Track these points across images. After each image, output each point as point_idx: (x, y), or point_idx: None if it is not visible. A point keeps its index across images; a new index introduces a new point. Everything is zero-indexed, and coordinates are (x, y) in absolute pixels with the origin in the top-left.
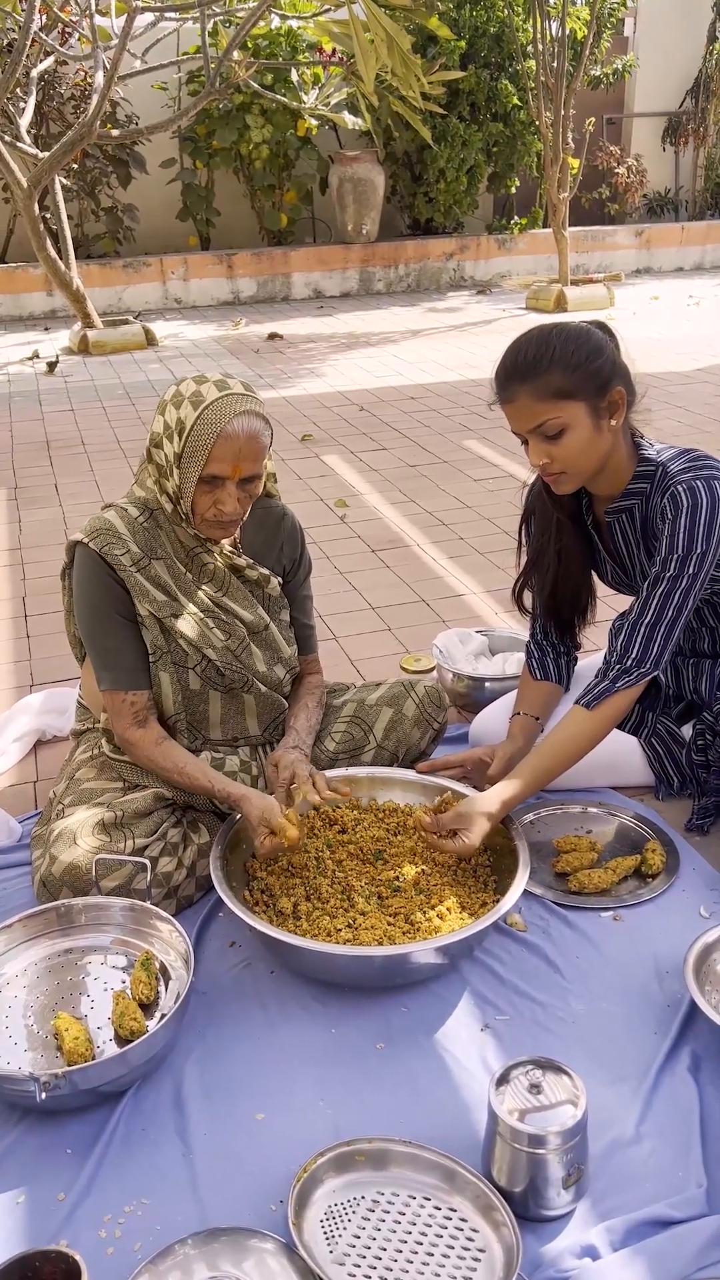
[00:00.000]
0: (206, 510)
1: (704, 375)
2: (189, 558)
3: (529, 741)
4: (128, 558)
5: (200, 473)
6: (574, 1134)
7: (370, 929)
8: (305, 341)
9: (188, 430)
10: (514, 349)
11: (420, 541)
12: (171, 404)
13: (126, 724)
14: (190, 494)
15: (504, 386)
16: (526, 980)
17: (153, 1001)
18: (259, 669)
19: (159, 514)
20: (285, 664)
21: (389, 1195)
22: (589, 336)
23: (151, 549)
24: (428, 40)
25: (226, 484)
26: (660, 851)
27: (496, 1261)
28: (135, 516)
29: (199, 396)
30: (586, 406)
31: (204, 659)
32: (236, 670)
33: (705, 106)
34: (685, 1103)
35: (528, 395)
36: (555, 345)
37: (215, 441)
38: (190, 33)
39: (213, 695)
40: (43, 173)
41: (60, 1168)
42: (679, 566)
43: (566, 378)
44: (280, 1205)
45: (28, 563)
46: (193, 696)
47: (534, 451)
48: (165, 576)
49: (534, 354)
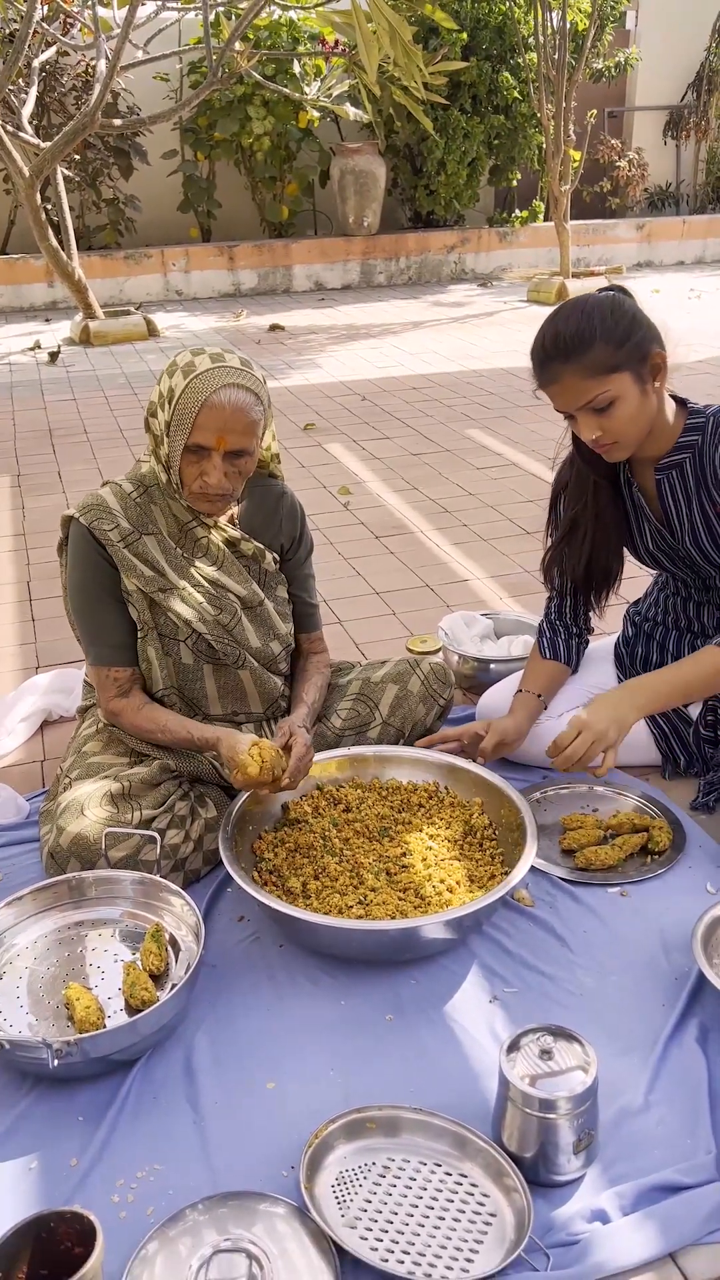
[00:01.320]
0: (193, 481)
1: (706, 367)
2: (182, 532)
3: (529, 718)
4: (116, 533)
5: (185, 441)
6: (584, 1099)
7: (382, 904)
8: (306, 333)
9: (176, 398)
10: (551, 328)
11: (424, 528)
12: (167, 373)
13: (110, 695)
14: (177, 463)
15: (545, 368)
16: (534, 954)
17: (163, 973)
18: (253, 644)
19: (154, 489)
20: (281, 640)
21: (400, 1161)
22: (623, 306)
23: (143, 524)
24: (429, 32)
25: (212, 455)
26: (667, 829)
27: (508, 1225)
28: (129, 492)
29: (191, 366)
30: (632, 375)
31: (194, 633)
32: (228, 644)
33: (707, 100)
34: (693, 1072)
35: (574, 374)
36: (595, 320)
37: (199, 410)
38: (192, 23)
39: (207, 670)
40: (44, 163)
41: (72, 1134)
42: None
43: (611, 351)
44: (292, 1171)
45: (32, 548)
46: (186, 671)
47: (584, 426)
48: (155, 552)
49: (574, 331)
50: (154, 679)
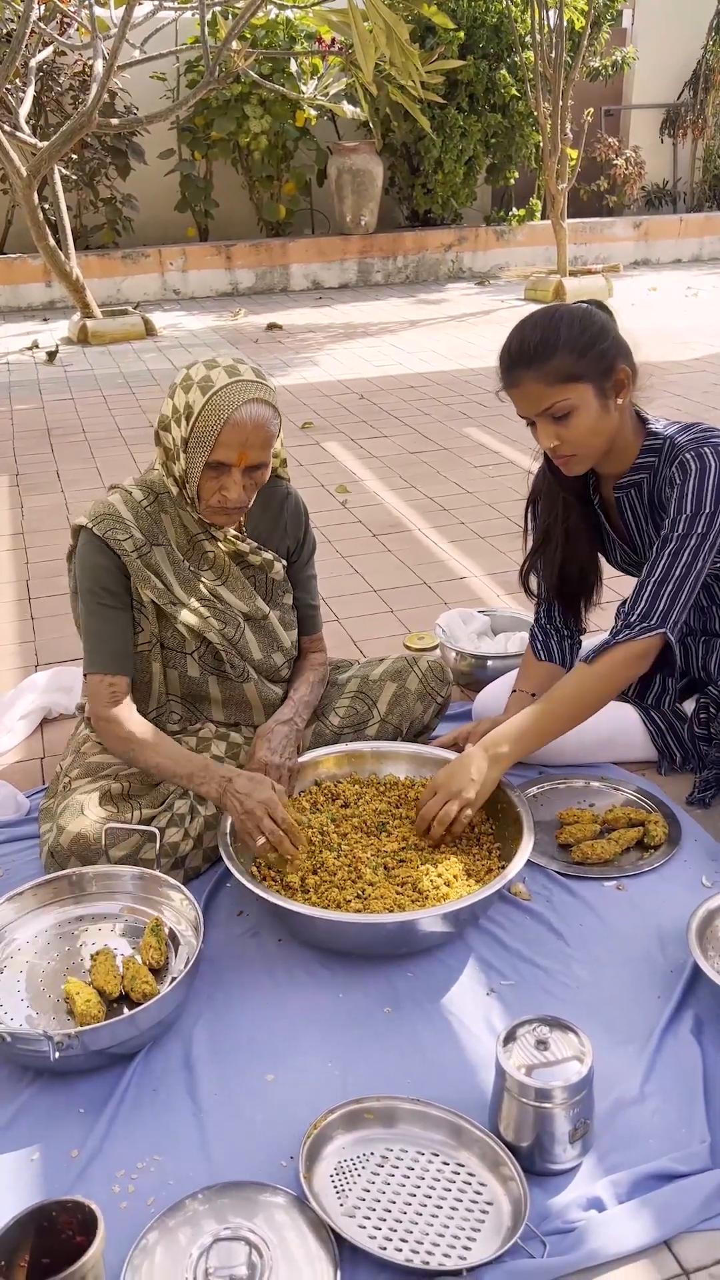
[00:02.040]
0: (211, 497)
1: (702, 365)
2: (190, 544)
3: None
4: (130, 543)
5: (206, 459)
6: (580, 1089)
7: (380, 899)
8: (304, 331)
9: (195, 415)
10: (518, 334)
11: (421, 526)
12: (181, 388)
13: (104, 704)
14: (196, 480)
15: (510, 372)
16: (530, 947)
17: (163, 966)
18: (255, 657)
19: (164, 497)
20: (284, 652)
21: (398, 1151)
22: (592, 318)
23: (153, 534)
24: (426, 30)
25: (232, 471)
26: (662, 824)
27: (504, 1213)
28: (139, 500)
29: (208, 382)
30: (593, 387)
31: (203, 643)
32: (234, 656)
33: (704, 98)
34: (688, 1063)
35: (535, 380)
36: (560, 328)
37: (222, 428)
38: (188, 23)
39: (211, 681)
40: (42, 162)
41: (73, 1126)
42: (688, 525)
43: (573, 360)
44: (290, 1161)
45: (30, 547)
46: (191, 683)
47: (543, 434)
48: (164, 563)
49: (539, 338)
50: (153, 692)
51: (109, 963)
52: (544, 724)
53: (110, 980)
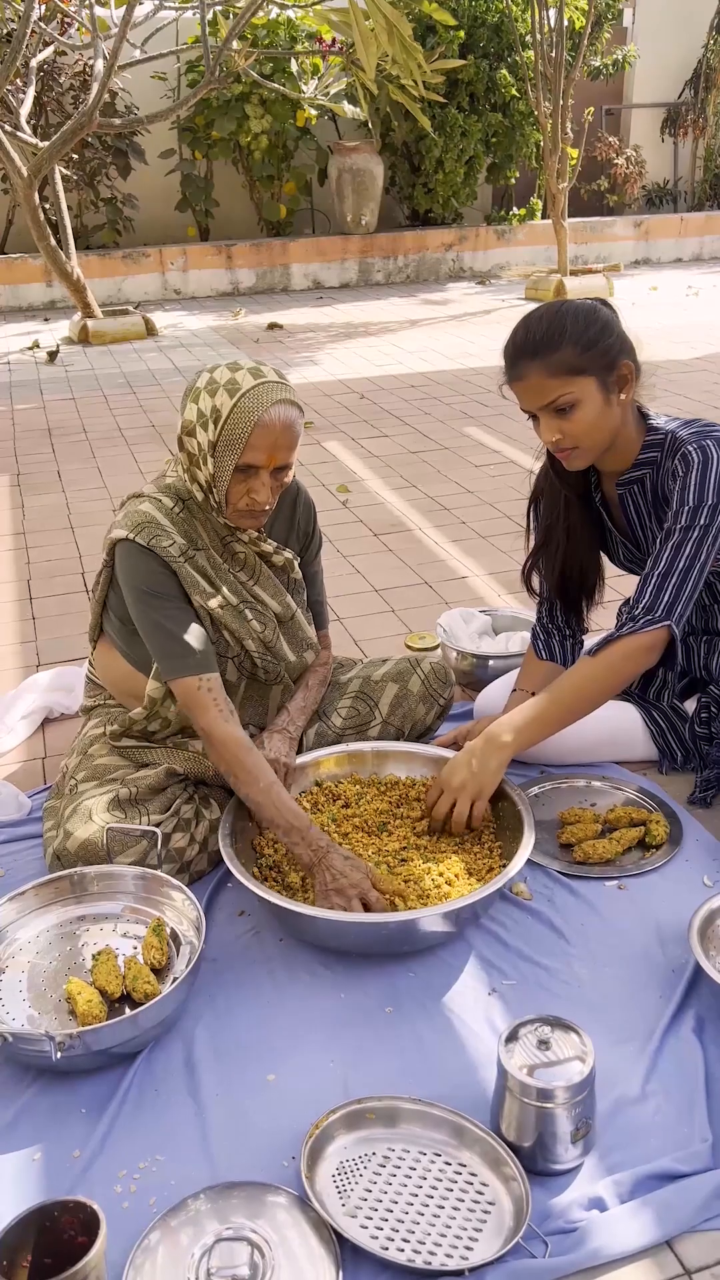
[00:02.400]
0: (239, 500)
1: (703, 363)
2: (223, 546)
3: None
4: (175, 549)
5: (236, 462)
6: (582, 1089)
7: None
8: (305, 331)
9: (224, 418)
10: (523, 327)
11: (422, 526)
12: (206, 391)
13: (211, 716)
14: (225, 483)
15: (514, 364)
16: (532, 946)
17: (164, 966)
18: (290, 658)
19: (191, 502)
20: (312, 649)
21: (399, 1151)
22: (597, 313)
23: (192, 539)
24: (427, 30)
25: (260, 473)
26: (664, 823)
27: (506, 1213)
28: (170, 507)
29: (235, 384)
30: (597, 382)
31: (242, 649)
32: (270, 661)
33: (704, 97)
34: (690, 1062)
35: (539, 372)
36: (566, 322)
37: (252, 431)
38: (189, 23)
39: (243, 683)
40: (42, 162)
41: (74, 1126)
42: (690, 517)
43: (577, 354)
44: (292, 1161)
45: (31, 547)
46: (227, 687)
47: (545, 428)
48: (207, 567)
49: (544, 331)
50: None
51: (111, 963)
52: (548, 714)
53: (112, 980)
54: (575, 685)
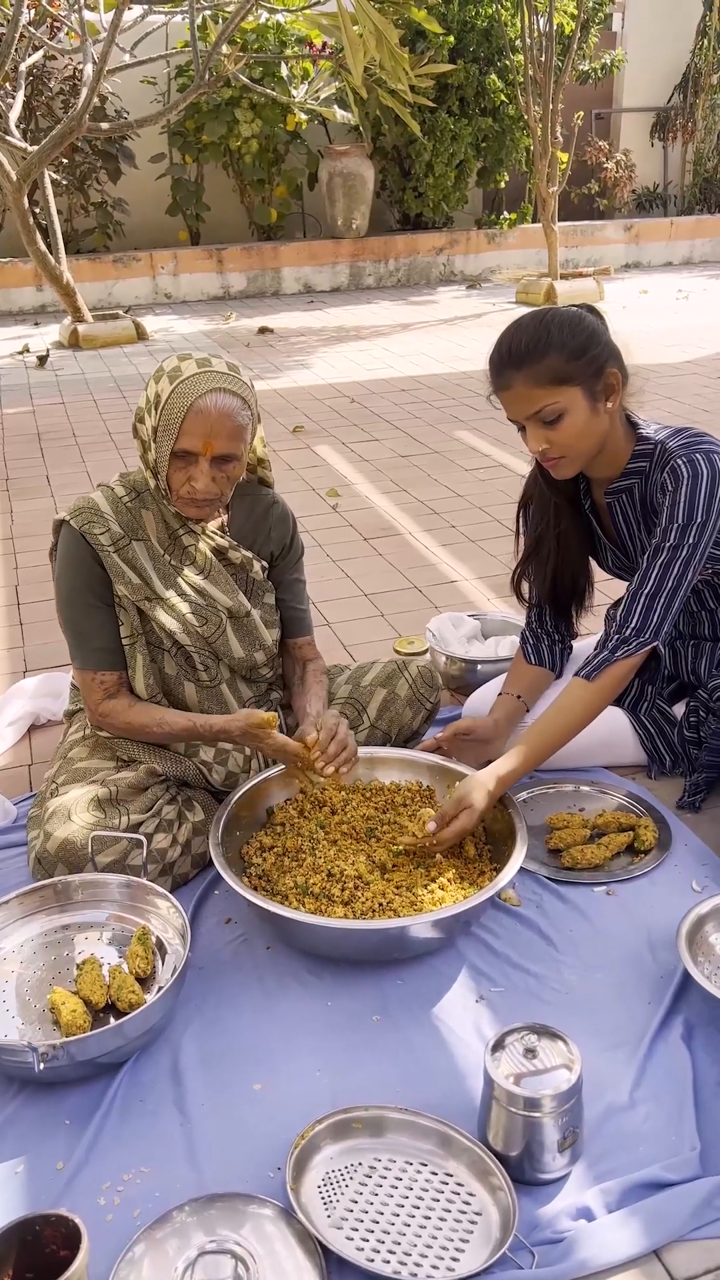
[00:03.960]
0: (180, 487)
1: (693, 367)
2: (171, 539)
3: (507, 718)
4: (107, 537)
5: (172, 447)
6: (569, 1097)
7: (368, 901)
8: (296, 335)
9: (162, 403)
10: (508, 336)
11: (412, 530)
12: (153, 379)
13: (97, 699)
14: (165, 469)
15: (500, 374)
16: (520, 953)
17: (150, 975)
18: (236, 654)
19: (146, 494)
20: (265, 650)
21: (386, 1161)
22: (582, 321)
23: (133, 529)
24: (416, 35)
25: (200, 460)
26: (652, 828)
27: (493, 1224)
28: (120, 495)
29: (177, 371)
30: (583, 390)
31: (176, 644)
32: (208, 657)
33: (693, 102)
34: (678, 1069)
35: (525, 382)
36: (551, 331)
37: (185, 415)
38: (178, 27)
39: (188, 686)
40: (32, 166)
41: (59, 1138)
42: (679, 536)
43: (563, 363)
44: (278, 1172)
45: (19, 552)
46: (169, 680)
47: (532, 438)
48: (143, 559)
49: (529, 340)
50: (139, 687)
51: (95, 972)
52: (547, 740)
53: (96, 990)
54: (570, 708)
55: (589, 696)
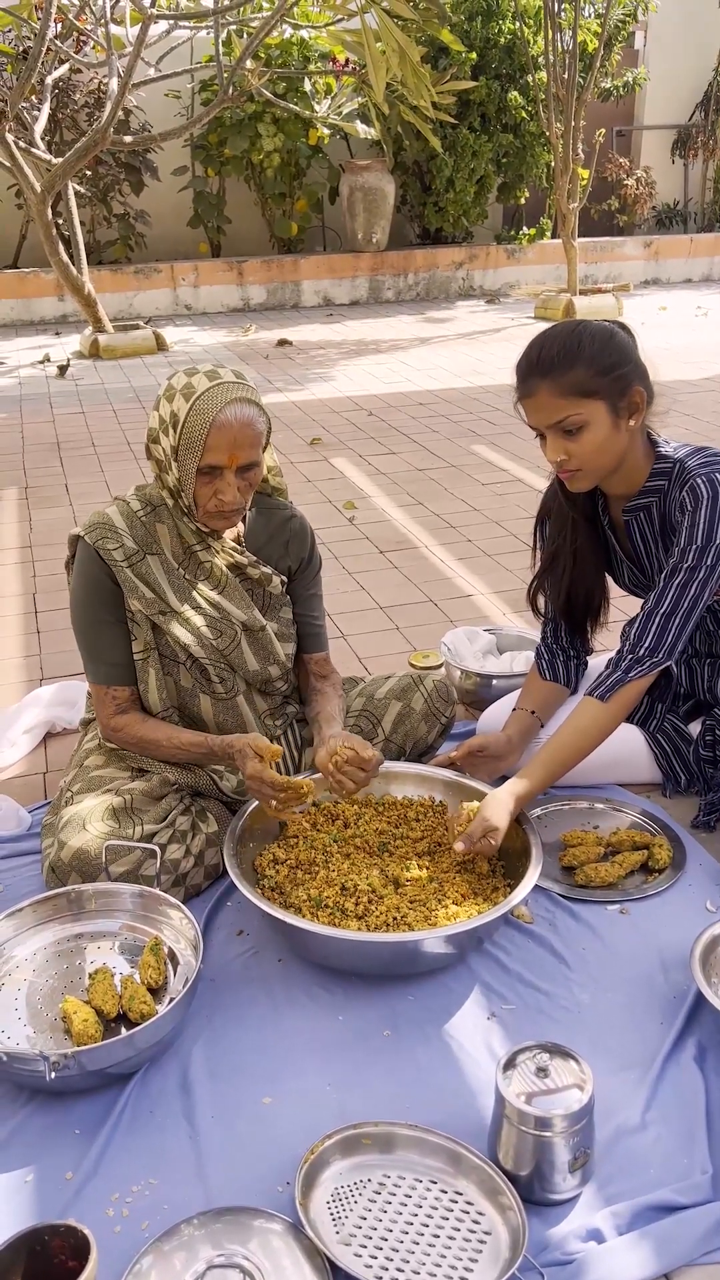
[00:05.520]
0: (208, 501)
1: (711, 384)
2: (187, 555)
3: (521, 734)
4: (120, 552)
5: (198, 464)
6: (580, 1117)
7: (382, 915)
8: (315, 348)
9: (181, 423)
10: (539, 344)
11: (428, 543)
12: (165, 398)
13: (109, 714)
14: (190, 487)
15: (526, 380)
16: (532, 971)
17: (161, 986)
18: (250, 667)
19: (162, 508)
20: (280, 665)
21: (395, 1178)
22: (614, 337)
23: (148, 544)
24: (439, 51)
25: (225, 473)
26: (667, 847)
27: (502, 1244)
28: (136, 510)
29: (190, 388)
30: (607, 405)
31: (191, 657)
32: (224, 670)
33: (715, 119)
34: (690, 1091)
35: (549, 391)
36: (583, 343)
37: (209, 431)
38: (203, 42)
39: (204, 699)
40: (56, 178)
41: (68, 1147)
42: (697, 557)
43: (590, 376)
44: (287, 1187)
45: (38, 560)
46: (185, 693)
47: (551, 447)
48: (158, 573)
49: (559, 350)
50: (152, 700)
51: (107, 982)
52: (562, 759)
53: (108, 1000)
54: (584, 728)
55: (603, 716)
